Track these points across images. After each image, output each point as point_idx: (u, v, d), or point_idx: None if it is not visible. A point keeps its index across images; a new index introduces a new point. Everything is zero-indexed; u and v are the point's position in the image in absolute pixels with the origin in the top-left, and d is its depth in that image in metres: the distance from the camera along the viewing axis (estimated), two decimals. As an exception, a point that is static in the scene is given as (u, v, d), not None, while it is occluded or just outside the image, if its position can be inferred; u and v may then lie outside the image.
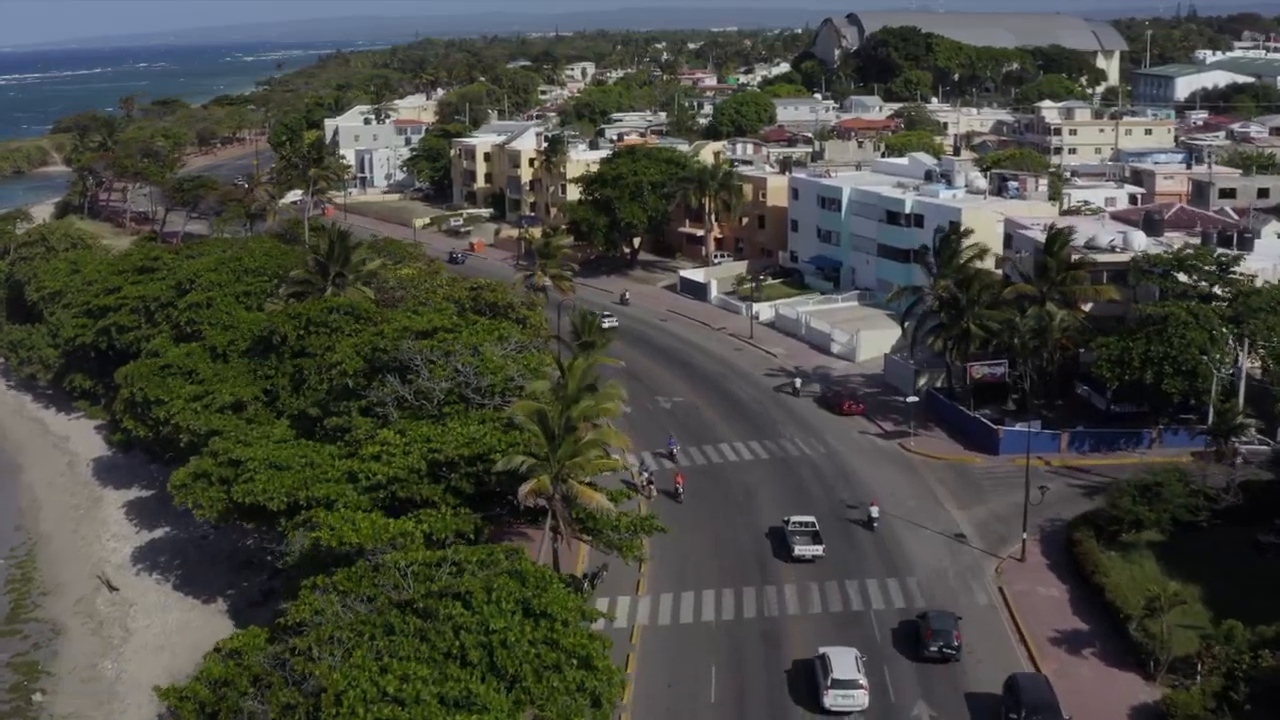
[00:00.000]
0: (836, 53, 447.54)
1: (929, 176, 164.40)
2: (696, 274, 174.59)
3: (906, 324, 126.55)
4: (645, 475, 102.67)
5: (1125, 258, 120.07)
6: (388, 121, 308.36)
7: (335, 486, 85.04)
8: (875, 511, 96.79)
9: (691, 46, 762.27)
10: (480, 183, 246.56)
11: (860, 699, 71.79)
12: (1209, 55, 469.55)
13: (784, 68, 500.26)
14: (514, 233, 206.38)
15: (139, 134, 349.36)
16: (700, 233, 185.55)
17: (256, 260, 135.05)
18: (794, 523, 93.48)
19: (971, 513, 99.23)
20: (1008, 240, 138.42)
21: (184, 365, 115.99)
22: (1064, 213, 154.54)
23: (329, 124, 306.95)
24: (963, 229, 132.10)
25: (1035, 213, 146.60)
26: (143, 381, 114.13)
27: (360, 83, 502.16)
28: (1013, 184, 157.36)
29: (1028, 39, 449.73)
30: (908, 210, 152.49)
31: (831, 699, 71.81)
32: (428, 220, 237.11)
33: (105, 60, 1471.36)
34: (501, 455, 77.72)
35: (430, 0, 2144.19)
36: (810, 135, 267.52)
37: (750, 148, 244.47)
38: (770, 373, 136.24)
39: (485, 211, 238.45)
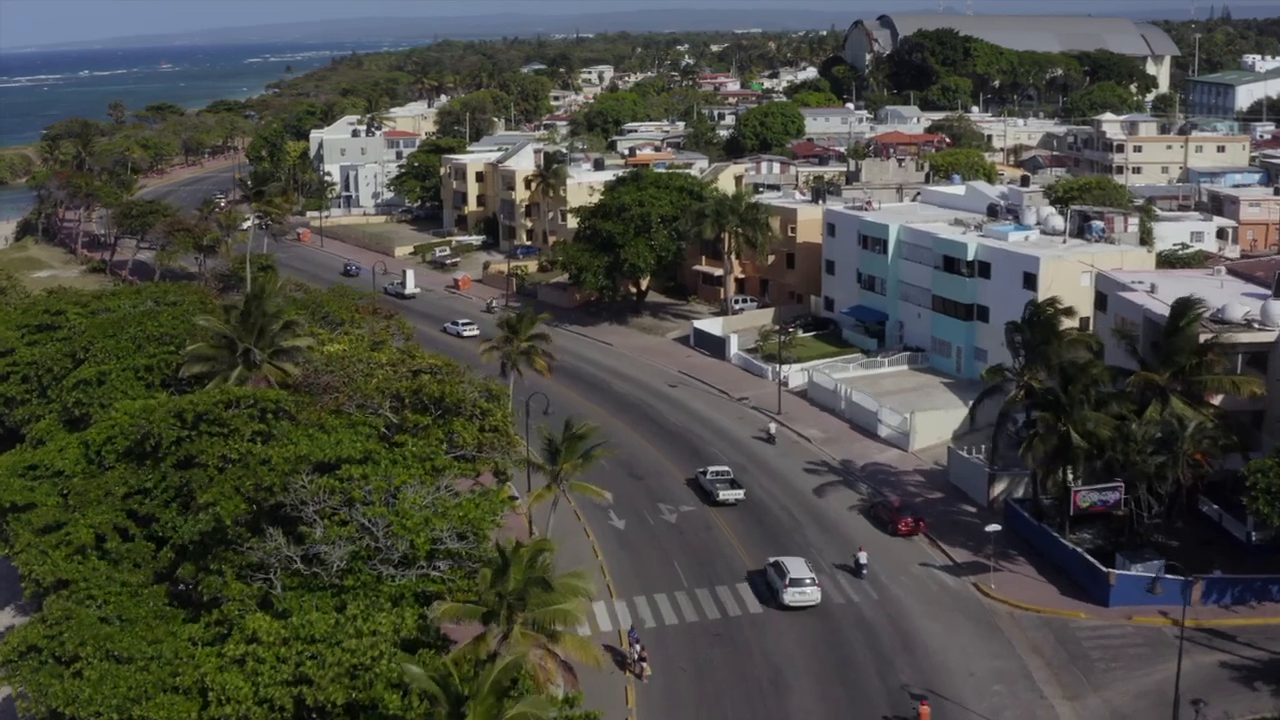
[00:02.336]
0: (868, 57, 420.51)
1: (993, 212, 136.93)
2: (713, 325, 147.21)
3: (976, 408, 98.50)
4: (635, 650, 75.12)
5: (1269, 336, 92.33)
6: (378, 133, 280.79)
7: (180, 708, 58.50)
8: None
9: (714, 49, 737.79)
10: (472, 206, 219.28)
11: (814, 594, 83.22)
12: (1257, 61, 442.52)
13: (811, 72, 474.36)
14: (502, 267, 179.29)
15: (114, 145, 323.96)
16: (718, 272, 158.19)
17: (162, 325, 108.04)
18: (712, 472, 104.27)
19: (1084, 707, 71.50)
20: (1100, 301, 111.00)
21: (53, 465, 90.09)
22: (1164, 262, 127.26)
23: (314, 136, 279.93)
24: (1046, 289, 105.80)
25: (1130, 263, 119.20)
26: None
27: (365, 88, 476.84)
28: (1096, 223, 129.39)
29: (1072, 43, 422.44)
30: (971, 256, 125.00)
31: (790, 595, 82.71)
32: (411, 249, 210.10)
33: (132, 61, 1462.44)
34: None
35: (457, 2, 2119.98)
36: (843, 151, 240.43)
37: (777, 167, 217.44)
38: (809, 468, 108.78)
39: (476, 239, 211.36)
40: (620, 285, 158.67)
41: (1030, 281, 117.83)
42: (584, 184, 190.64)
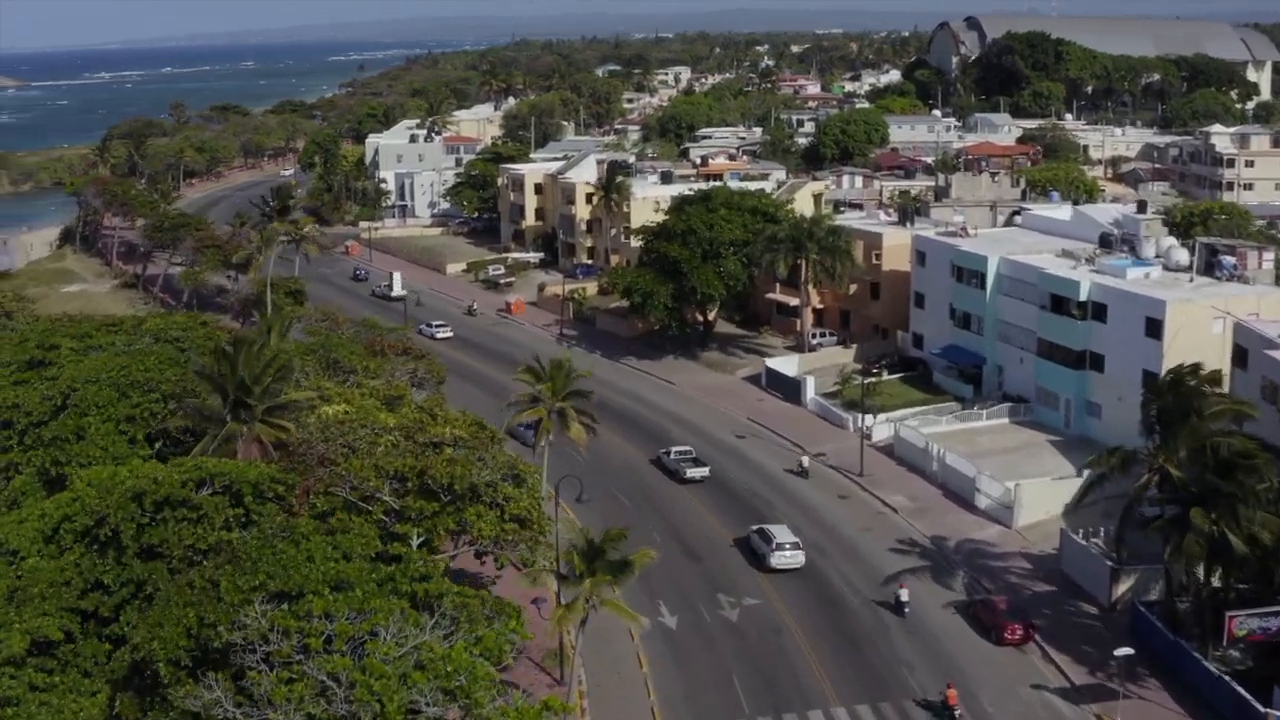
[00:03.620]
0: (954, 60, 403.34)
1: (1106, 243, 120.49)
2: (787, 364, 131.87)
3: (1086, 492, 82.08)
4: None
5: None
6: (437, 139, 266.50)
7: None
8: None
9: (794, 50, 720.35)
10: (530, 220, 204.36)
11: (800, 558, 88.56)
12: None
13: (894, 75, 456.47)
14: (558, 289, 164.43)
15: (167, 148, 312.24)
16: (794, 302, 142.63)
17: (149, 369, 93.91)
18: (675, 452, 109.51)
19: None
20: (1238, 356, 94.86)
21: (8, 542, 76.26)
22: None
23: (369, 141, 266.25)
24: (1172, 338, 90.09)
25: (1268, 308, 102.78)
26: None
27: (435, 88, 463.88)
28: (1227, 259, 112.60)
29: (1168, 47, 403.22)
30: (1083, 296, 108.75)
31: (777, 559, 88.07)
32: (464, 266, 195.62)
33: (215, 58, 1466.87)
34: None
35: (539, 1, 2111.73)
36: (931, 162, 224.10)
37: (859, 181, 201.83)
38: (896, 547, 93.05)
39: (533, 256, 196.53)
40: (686, 314, 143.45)
41: (1154, 328, 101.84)
42: (649, 199, 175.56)
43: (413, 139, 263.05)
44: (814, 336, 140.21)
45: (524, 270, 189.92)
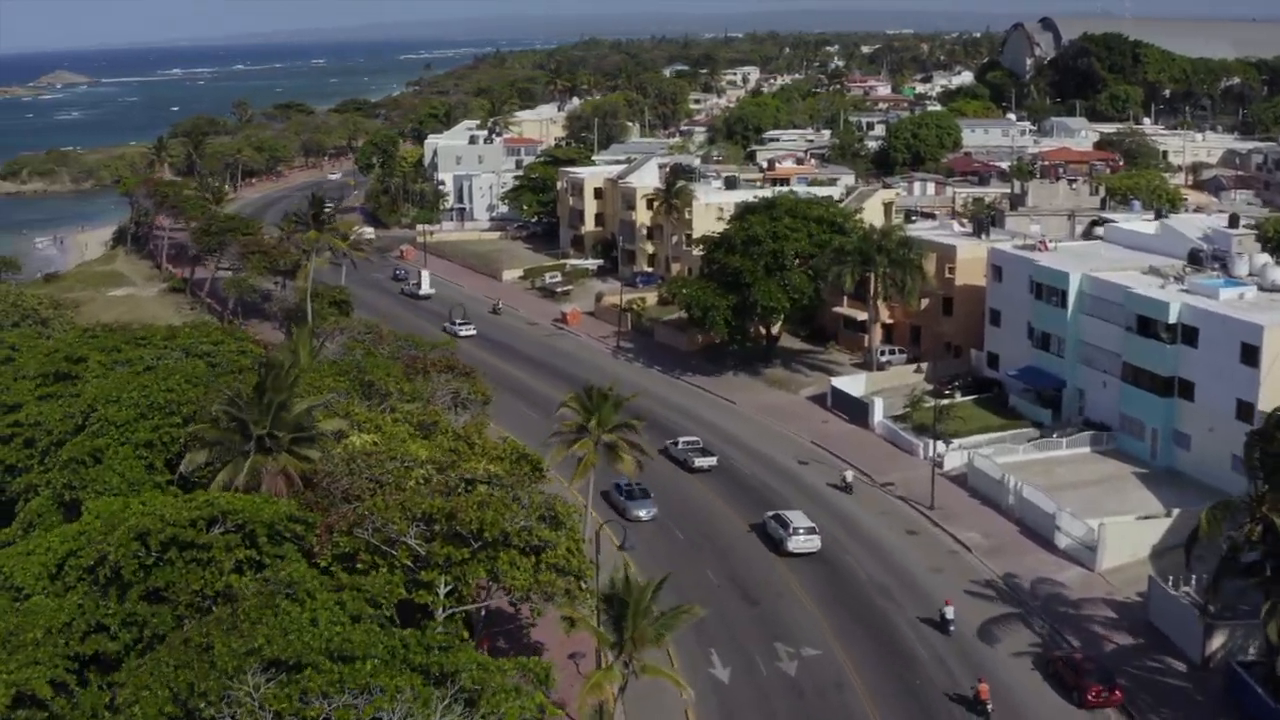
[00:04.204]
0: (1029, 62, 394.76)
1: (1195, 259, 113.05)
2: (854, 384, 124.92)
3: (1191, 548, 74.94)
4: None
5: None
6: (498, 140, 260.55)
7: None
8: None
9: (865, 50, 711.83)
10: (589, 225, 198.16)
11: (817, 542, 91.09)
12: None
13: (966, 77, 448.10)
14: (616, 299, 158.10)
15: (225, 147, 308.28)
16: (862, 317, 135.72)
17: (171, 390, 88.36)
18: (684, 442, 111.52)
19: None
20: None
21: (12, 577, 71.00)
22: None
23: (428, 142, 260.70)
24: (1271, 365, 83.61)
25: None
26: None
27: (501, 88, 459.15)
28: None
29: (1249, 49, 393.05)
30: (1173, 318, 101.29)
31: (795, 543, 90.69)
32: (520, 273, 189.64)
33: (287, 56, 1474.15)
34: None
35: (610, 1, 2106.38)
36: (1005, 168, 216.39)
37: (931, 188, 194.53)
38: (970, 589, 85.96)
39: (591, 263, 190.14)
40: (750, 327, 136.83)
41: (1249, 355, 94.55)
42: (712, 205, 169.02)
43: (472, 140, 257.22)
44: (883, 354, 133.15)
45: (582, 278, 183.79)
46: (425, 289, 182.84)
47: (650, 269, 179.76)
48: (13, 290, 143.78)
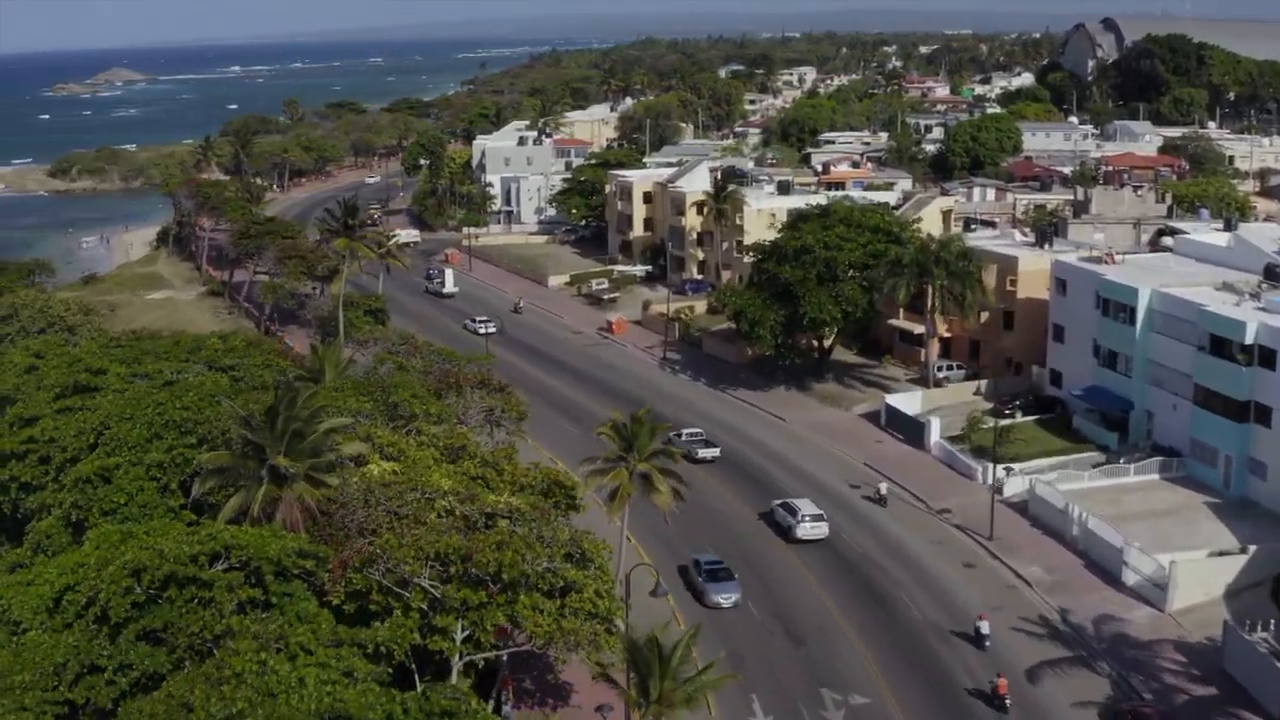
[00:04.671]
0: (1090, 64, 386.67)
1: (1272, 275, 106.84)
2: (909, 402, 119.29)
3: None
4: None
5: None
6: (547, 141, 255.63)
7: None
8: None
9: (923, 50, 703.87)
10: (638, 230, 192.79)
11: (825, 529, 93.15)
12: None
13: (1026, 79, 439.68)
14: (663, 308, 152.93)
15: (273, 146, 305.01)
16: (919, 330, 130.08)
17: (187, 408, 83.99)
18: (687, 434, 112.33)
19: None
20: None
21: (10, 610, 67.00)
22: None
23: (476, 143, 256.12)
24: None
25: None
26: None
27: (555, 88, 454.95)
28: None
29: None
30: (1249, 339, 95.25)
31: (804, 530, 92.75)
32: (566, 279, 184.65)
33: (344, 54, 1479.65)
34: None
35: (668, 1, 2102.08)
36: (1068, 173, 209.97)
37: (991, 193, 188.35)
38: (1026, 629, 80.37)
39: (639, 269, 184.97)
40: (802, 340, 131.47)
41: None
42: (764, 211, 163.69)
43: (521, 141, 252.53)
44: (940, 369, 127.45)
45: (630, 285, 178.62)
46: (449, 288, 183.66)
47: (700, 276, 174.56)
48: (40, 296, 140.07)
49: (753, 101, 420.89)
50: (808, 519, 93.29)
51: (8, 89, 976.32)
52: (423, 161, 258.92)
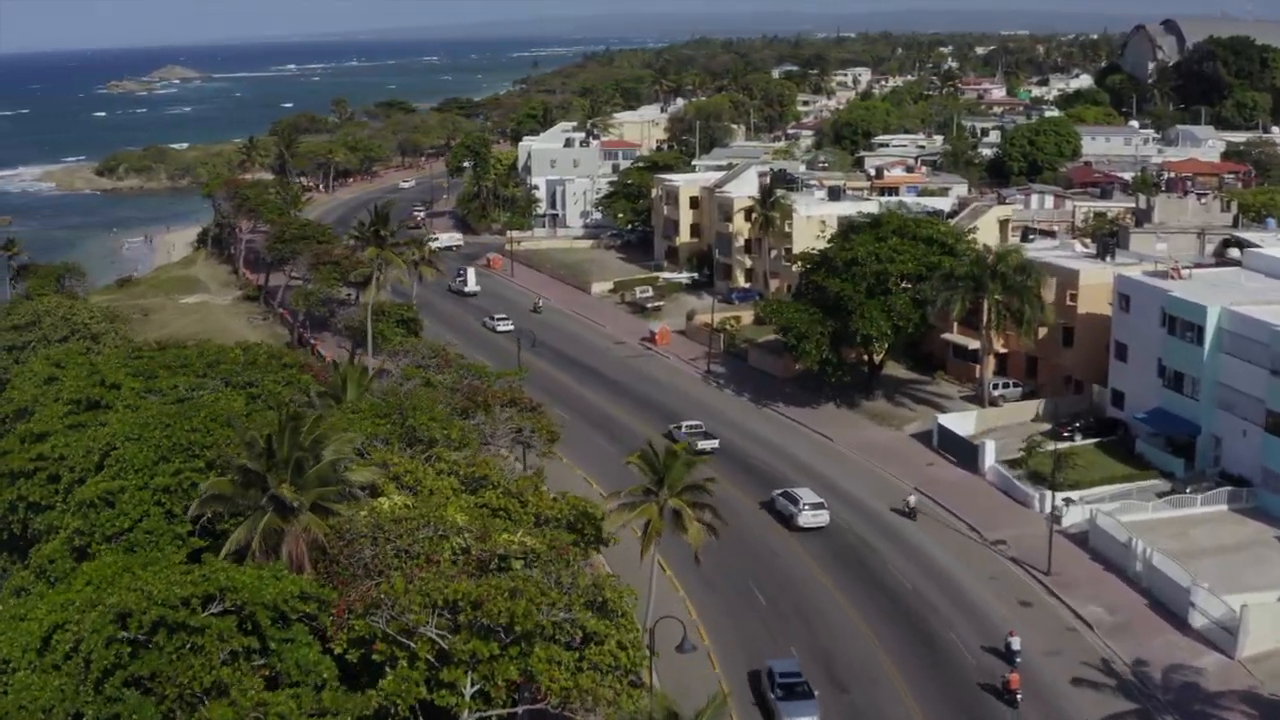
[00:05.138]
0: (1150, 66, 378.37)
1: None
2: (963, 422, 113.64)
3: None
4: None
5: None
6: (594, 143, 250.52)
7: None
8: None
9: (979, 51, 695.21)
10: (684, 236, 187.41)
11: (826, 517, 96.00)
12: None
13: (1084, 80, 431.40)
14: (708, 318, 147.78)
15: (317, 147, 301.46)
16: (973, 345, 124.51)
17: (196, 430, 79.54)
18: (686, 426, 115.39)
19: None
20: None
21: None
22: None
23: (522, 145, 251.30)
24: None
25: None
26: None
27: (606, 88, 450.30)
28: None
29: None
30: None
31: (806, 519, 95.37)
32: (610, 286, 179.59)
33: (401, 52, 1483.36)
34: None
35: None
36: (1128, 179, 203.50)
37: (1049, 201, 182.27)
38: (1086, 677, 74.78)
39: (684, 277, 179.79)
40: (851, 354, 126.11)
41: None
42: (814, 218, 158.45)
43: (568, 143, 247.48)
44: (995, 387, 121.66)
45: (675, 292, 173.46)
46: (471, 286, 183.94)
47: (747, 284, 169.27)
48: (64, 303, 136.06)
49: (806, 103, 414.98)
50: (808, 507, 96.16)
51: (64, 86, 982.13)
52: (467, 163, 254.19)
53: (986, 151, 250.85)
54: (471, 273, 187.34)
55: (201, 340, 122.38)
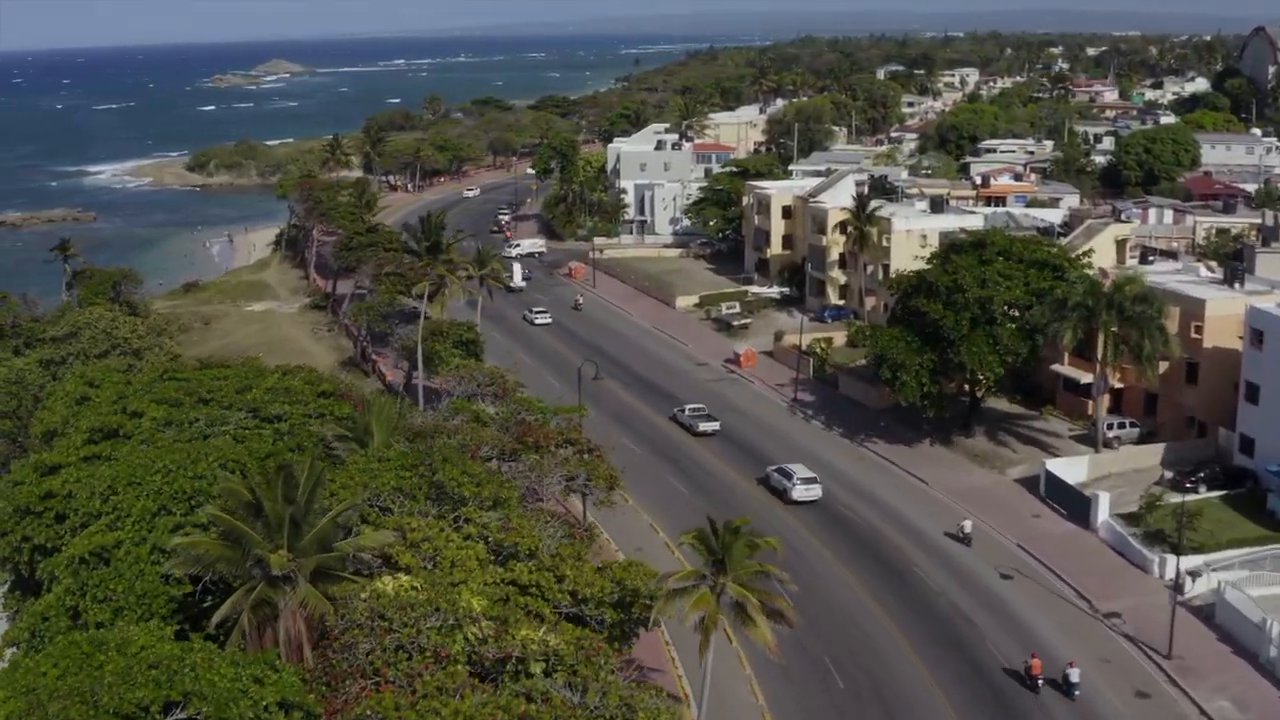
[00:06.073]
0: (1271, 70, 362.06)
1: None
2: (1073, 469, 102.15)
3: None
4: None
5: None
6: (687, 146, 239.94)
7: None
8: None
9: (1090, 52, 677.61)
10: (775, 248, 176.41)
11: (819, 491, 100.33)
12: None
13: (1200, 84, 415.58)
14: (796, 340, 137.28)
15: (404, 145, 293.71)
16: (1086, 379, 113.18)
17: (200, 477, 70.90)
18: (690, 409, 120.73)
19: None
20: None
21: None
22: None
23: (611, 147, 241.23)
24: None
25: None
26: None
27: (707, 87, 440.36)
28: None
29: None
30: None
31: (799, 492, 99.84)
32: (695, 300, 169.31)
33: (510, 48, 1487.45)
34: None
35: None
36: (1250, 192, 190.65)
37: (1169, 215, 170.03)
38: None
39: (774, 291, 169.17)
40: (950, 384, 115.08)
41: None
42: (914, 232, 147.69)
43: (659, 145, 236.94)
44: (1110, 427, 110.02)
45: (763, 309, 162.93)
46: (517, 282, 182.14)
47: (841, 302, 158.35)
48: (105, 315, 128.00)
49: (911, 104, 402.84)
50: (800, 482, 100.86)
51: (171, 80, 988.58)
52: (553, 165, 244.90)
53: (1100, 159, 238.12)
54: (518, 268, 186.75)
55: (249, 358, 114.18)
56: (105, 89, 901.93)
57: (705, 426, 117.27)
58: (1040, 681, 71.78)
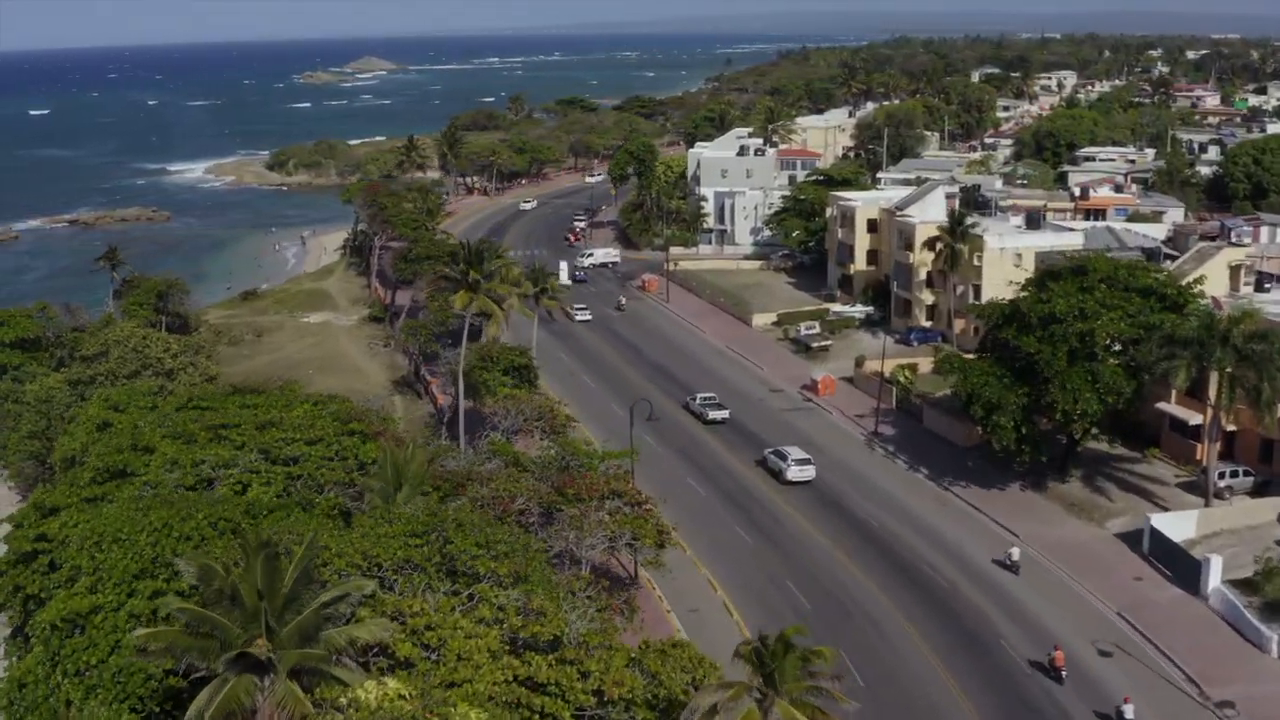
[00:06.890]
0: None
1: None
2: (1180, 524, 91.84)
3: None
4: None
5: None
6: (770, 151, 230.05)
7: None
8: None
9: (1190, 56, 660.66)
10: (860, 264, 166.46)
11: (812, 471, 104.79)
12: None
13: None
14: (878, 366, 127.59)
15: (480, 147, 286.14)
16: (1195, 420, 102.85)
17: (190, 536, 63.31)
18: (701, 398, 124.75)
19: None
20: None
21: None
22: None
23: (691, 152, 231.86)
24: None
25: None
26: None
27: (796, 88, 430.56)
28: None
29: None
30: None
31: (794, 473, 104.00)
32: (773, 319, 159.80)
33: (601, 46, 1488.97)
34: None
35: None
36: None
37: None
38: None
39: (857, 311, 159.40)
40: (1045, 421, 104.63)
41: None
42: (1008, 250, 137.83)
43: (742, 151, 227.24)
44: (1221, 475, 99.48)
45: (845, 328, 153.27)
46: (562, 280, 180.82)
47: (929, 324, 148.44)
48: (136, 332, 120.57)
49: (1006, 108, 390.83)
50: (794, 463, 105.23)
51: (264, 77, 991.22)
52: (629, 170, 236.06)
53: (1205, 169, 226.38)
54: (564, 266, 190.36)
55: (287, 382, 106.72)
56: (199, 85, 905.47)
57: (714, 415, 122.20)
58: (1064, 673, 73.18)
